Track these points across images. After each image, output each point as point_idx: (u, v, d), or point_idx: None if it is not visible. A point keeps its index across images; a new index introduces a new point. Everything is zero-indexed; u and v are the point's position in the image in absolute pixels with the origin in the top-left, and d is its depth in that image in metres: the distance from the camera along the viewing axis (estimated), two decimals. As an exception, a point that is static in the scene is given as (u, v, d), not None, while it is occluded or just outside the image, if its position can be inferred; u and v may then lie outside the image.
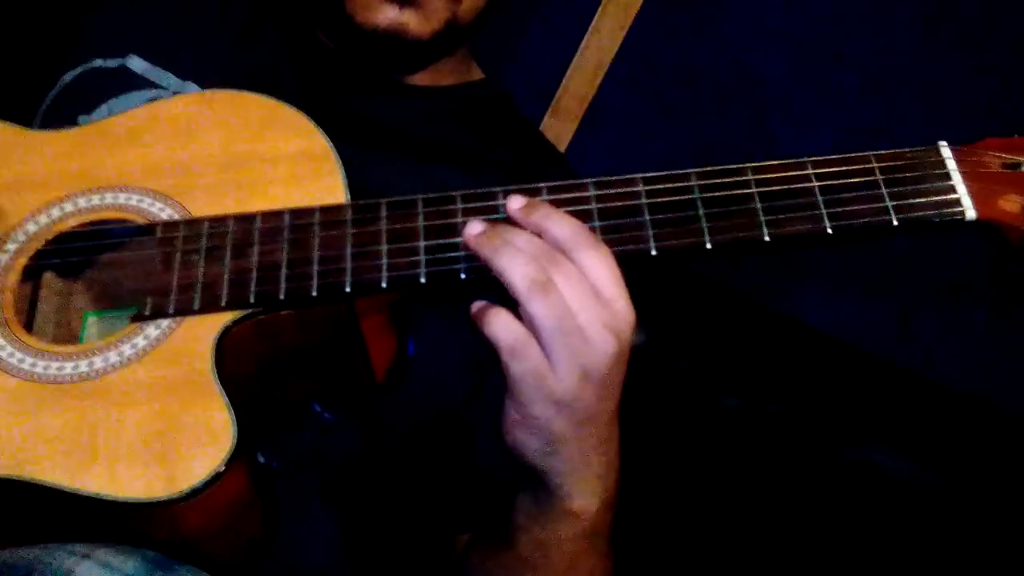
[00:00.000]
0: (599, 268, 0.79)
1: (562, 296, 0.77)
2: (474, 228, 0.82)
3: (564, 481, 0.83)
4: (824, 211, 0.83)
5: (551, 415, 0.80)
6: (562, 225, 0.80)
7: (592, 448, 0.83)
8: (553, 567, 0.88)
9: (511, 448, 0.83)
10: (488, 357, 0.83)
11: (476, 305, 0.80)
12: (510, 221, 0.83)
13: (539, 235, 0.81)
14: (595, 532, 0.87)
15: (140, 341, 0.84)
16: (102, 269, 0.91)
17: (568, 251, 0.79)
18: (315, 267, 0.84)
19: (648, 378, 1.36)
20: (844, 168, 0.85)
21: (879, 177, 0.84)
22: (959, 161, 0.84)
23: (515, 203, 0.83)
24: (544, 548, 0.87)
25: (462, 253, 0.84)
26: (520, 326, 0.79)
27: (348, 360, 0.90)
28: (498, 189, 0.86)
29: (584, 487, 0.84)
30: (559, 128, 1.57)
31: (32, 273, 0.90)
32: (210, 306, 0.84)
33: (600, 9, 1.52)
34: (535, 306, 0.77)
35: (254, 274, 0.85)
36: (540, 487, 0.84)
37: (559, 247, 0.79)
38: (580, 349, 0.78)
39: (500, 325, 0.79)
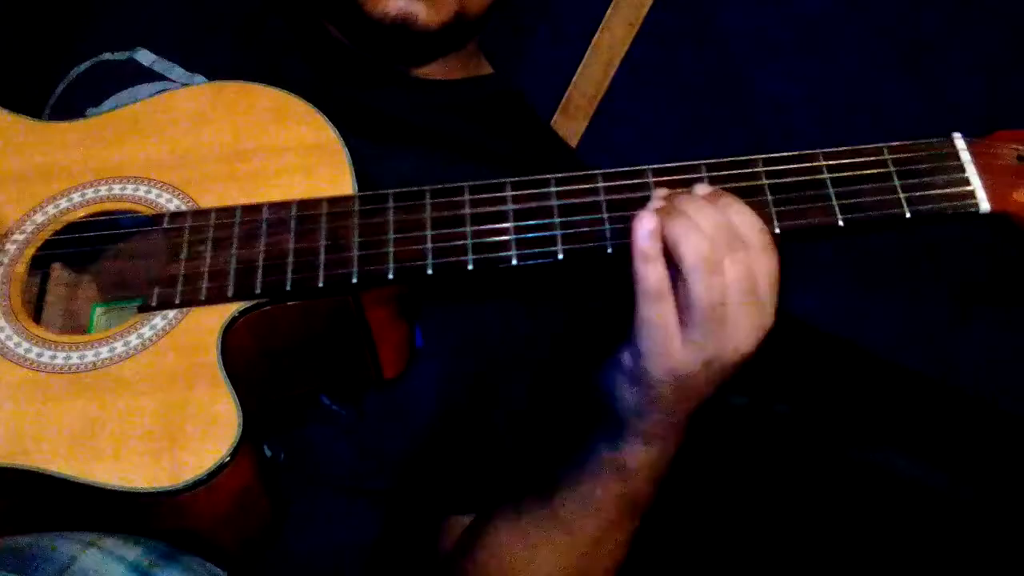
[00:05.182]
0: (766, 272, 0.79)
1: (726, 283, 0.78)
2: (654, 206, 0.80)
3: (631, 432, 0.85)
4: (836, 203, 0.82)
5: (663, 380, 0.80)
6: (746, 217, 0.80)
7: (671, 425, 0.85)
8: (586, 531, 0.89)
9: (603, 389, 0.84)
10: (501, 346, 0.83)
11: (645, 226, 0.78)
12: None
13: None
14: (634, 502, 0.88)
15: (147, 331, 0.84)
16: (110, 260, 0.91)
17: (746, 244, 0.79)
18: (322, 258, 0.84)
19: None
20: (856, 160, 0.84)
21: (892, 169, 0.83)
22: (973, 153, 0.83)
23: (703, 189, 0.81)
24: (585, 506, 0.88)
25: (470, 243, 0.83)
26: (667, 278, 0.78)
27: (355, 352, 0.90)
28: (507, 180, 0.86)
29: (640, 446, 0.85)
30: (569, 126, 1.57)
31: (40, 263, 0.90)
32: (216, 297, 0.84)
33: (611, 7, 1.52)
34: (697, 281, 0.77)
35: (261, 265, 0.84)
36: (613, 422, 0.85)
37: (739, 238, 0.79)
38: (718, 336, 0.78)
39: (651, 269, 0.78)
